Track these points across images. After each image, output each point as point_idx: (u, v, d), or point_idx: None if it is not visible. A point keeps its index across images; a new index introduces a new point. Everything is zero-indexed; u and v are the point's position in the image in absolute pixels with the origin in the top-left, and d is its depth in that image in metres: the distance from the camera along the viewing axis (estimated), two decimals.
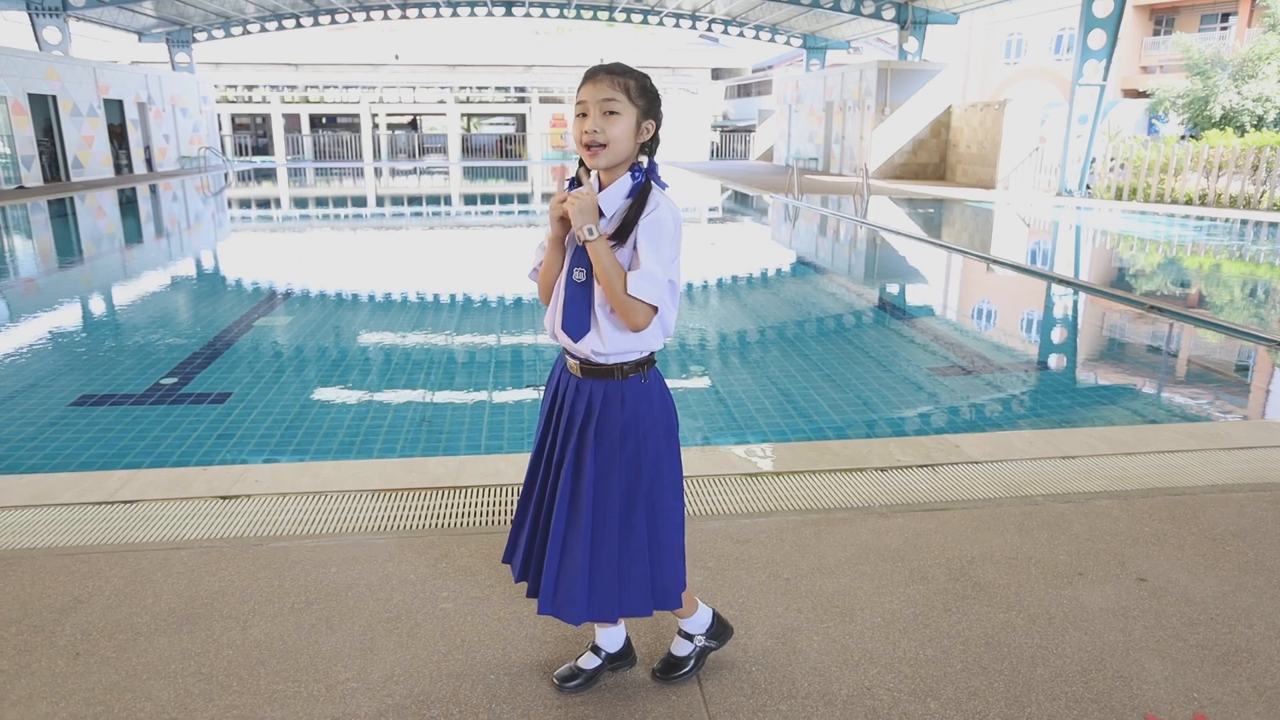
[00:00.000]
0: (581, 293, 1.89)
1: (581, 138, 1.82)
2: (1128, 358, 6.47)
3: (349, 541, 2.88)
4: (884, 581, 2.67)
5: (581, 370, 1.94)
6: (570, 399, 1.96)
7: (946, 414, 4.85)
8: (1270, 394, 5.51)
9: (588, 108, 1.81)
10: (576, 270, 1.90)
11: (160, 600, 2.52)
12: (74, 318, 7.52)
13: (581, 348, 1.91)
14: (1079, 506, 3.20)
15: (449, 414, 4.76)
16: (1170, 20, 33.20)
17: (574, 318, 1.90)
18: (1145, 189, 17.80)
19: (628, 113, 1.82)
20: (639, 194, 1.86)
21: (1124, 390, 5.48)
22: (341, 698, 2.11)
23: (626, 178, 1.87)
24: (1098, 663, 2.28)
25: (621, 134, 1.82)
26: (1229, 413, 5.01)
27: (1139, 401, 5.22)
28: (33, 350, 6.18)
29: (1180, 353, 6.51)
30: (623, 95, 1.81)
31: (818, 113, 27.80)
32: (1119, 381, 5.72)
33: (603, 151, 1.82)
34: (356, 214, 18.41)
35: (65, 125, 21.11)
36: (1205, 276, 10.00)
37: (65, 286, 8.98)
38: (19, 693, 2.11)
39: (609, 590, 1.95)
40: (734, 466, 3.52)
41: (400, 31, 42.48)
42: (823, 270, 10.56)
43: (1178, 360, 6.32)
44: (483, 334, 6.70)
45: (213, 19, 28.20)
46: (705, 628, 2.20)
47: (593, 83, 1.82)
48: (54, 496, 3.17)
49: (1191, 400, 5.23)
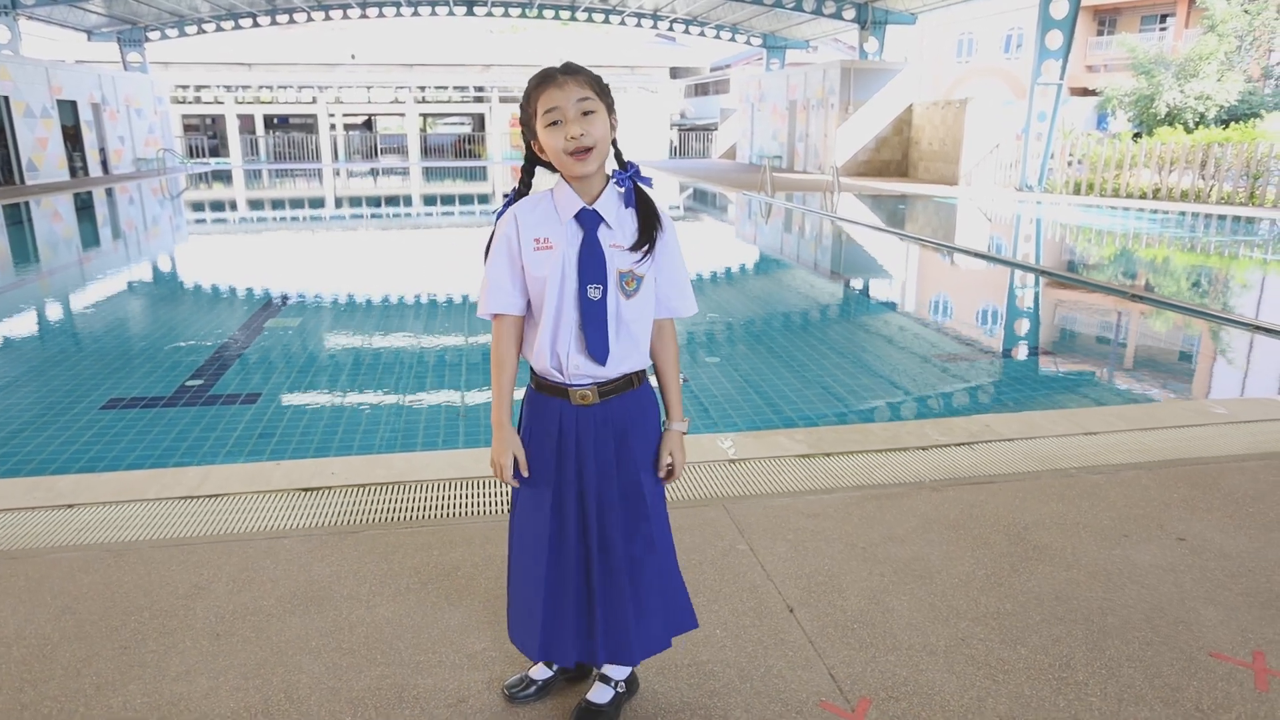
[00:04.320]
0: (599, 309, 1.75)
1: (565, 145, 1.69)
2: (1126, 343, 6.84)
3: (443, 527, 3.01)
4: (951, 547, 2.89)
5: (600, 393, 1.81)
6: (590, 434, 1.81)
7: (970, 396, 5.12)
8: (1266, 373, 5.90)
9: (563, 114, 1.68)
10: (591, 287, 1.74)
11: (279, 585, 2.63)
12: (88, 324, 7.45)
13: (608, 369, 1.79)
14: (1110, 477, 3.46)
15: (482, 411, 4.88)
16: (1113, 21, 34.40)
17: (597, 338, 1.75)
18: (1101, 184, 18.49)
19: (600, 110, 1.72)
20: (640, 202, 1.79)
21: (1124, 373, 5.82)
22: (484, 665, 2.25)
23: (612, 187, 1.78)
24: (1159, 611, 2.52)
25: (602, 133, 1.72)
26: (1222, 391, 5.37)
27: (1141, 382, 5.56)
28: (49, 357, 6.14)
29: (1171, 337, 6.90)
30: (593, 93, 1.72)
31: (781, 111, 28.23)
32: (1118, 365, 6.06)
33: (592, 155, 1.71)
34: (333, 215, 18.26)
35: (18, 127, 20.55)
36: (1179, 266, 10.51)
37: (56, 294, 8.85)
38: (176, 669, 2.21)
39: (654, 618, 1.92)
40: (785, 449, 3.72)
41: (356, 30, 41.94)
42: (804, 265, 10.85)
43: (1170, 345, 6.71)
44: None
45: (166, 18, 27.62)
46: (627, 671, 2.05)
47: (558, 87, 1.69)
48: (139, 492, 3.24)
49: (1185, 380, 5.59)
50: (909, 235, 12.63)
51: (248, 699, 2.10)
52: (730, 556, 2.81)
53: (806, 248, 12.37)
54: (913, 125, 24.20)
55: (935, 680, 2.19)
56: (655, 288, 1.83)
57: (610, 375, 1.81)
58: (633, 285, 1.77)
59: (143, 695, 2.11)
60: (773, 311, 7.97)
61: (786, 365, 5.73)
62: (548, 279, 1.74)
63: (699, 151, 40.05)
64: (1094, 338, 7.02)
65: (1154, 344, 6.77)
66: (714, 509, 3.15)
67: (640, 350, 1.84)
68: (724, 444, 3.79)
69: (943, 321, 7.53)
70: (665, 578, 1.96)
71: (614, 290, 1.76)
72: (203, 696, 2.11)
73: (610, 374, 1.81)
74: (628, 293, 1.77)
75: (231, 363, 5.80)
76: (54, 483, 3.40)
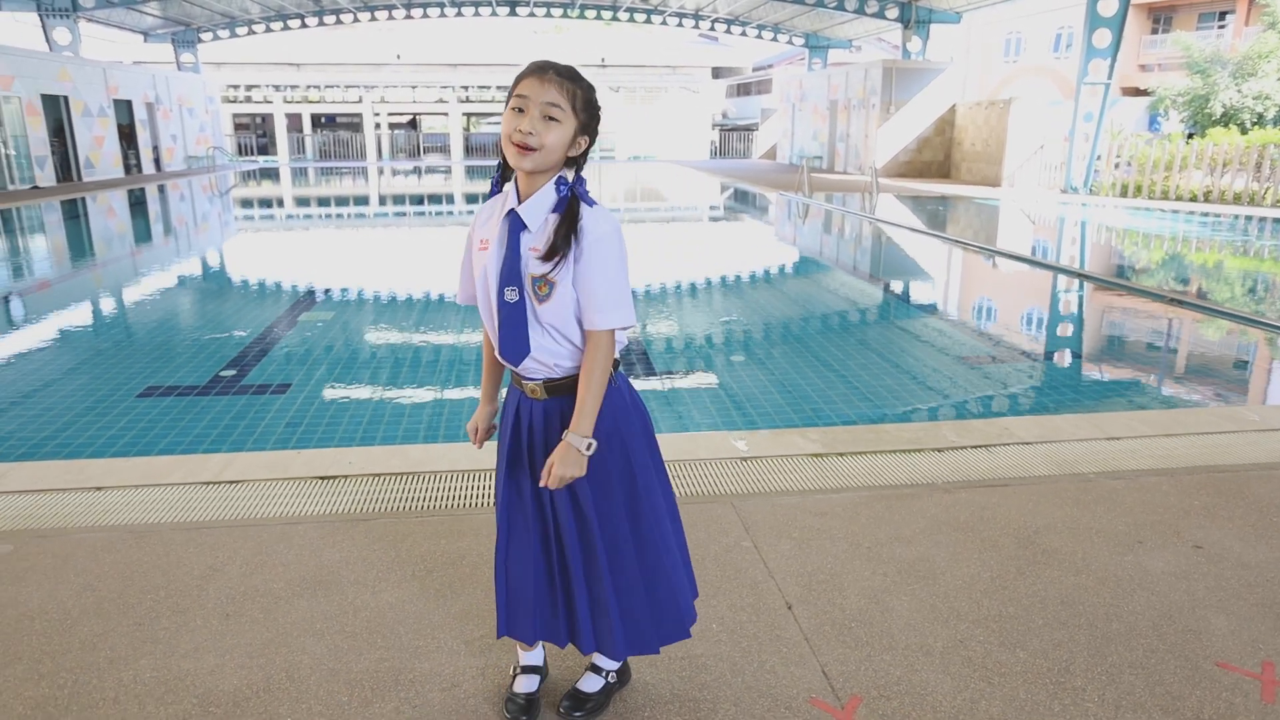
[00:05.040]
0: (516, 311, 1.76)
1: (513, 135, 1.68)
2: (1154, 348, 6.68)
3: (453, 517, 3.07)
4: (958, 549, 2.86)
5: (546, 390, 1.82)
6: (540, 426, 1.84)
7: (992, 400, 5.05)
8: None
9: (527, 104, 1.68)
10: (508, 290, 1.75)
11: (289, 569, 2.70)
12: (134, 315, 7.69)
13: (532, 368, 1.80)
14: (1129, 483, 3.40)
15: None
16: (1168, 19, 33.47)
17: (512, 340, 1.77)
18: (1150, 186, 18.03)
19: (568, 123, 1.70)
20: (566, 210, 1.73)
21: (1153, 377, 5.69)
22: (480, 651, 2.29)
23: (550, 188, 1.75)
24: (1167, 618, 2.47)
25: (556, 143, 1.70)
26: (1258, 398, 5.22)
27: (1170, 387, 5.43)
28: (95, 346, 6.36)
29: (1206, 342, 6.72)
30: (567, 103, 1.70)
31: (822, 111, 28.02)
32: (1147, 370, 5.93)
33: (531, 155, 1.69)
34: (378, 213, 18.57)
35: (77, 125, 21.24)
36: (1224, 271, 10.22)
37: (106, 286, 9.15)
38: (185, 646, 2.29)
39: (641, 617, 1.91)
40: (798, 448, 3.71)
41: (401, 31, 42.59)
42: (836, 265, 10.76)
43: (1204, 349, 6.53)
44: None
45: (218, 19, 28.33)
46: (618, 663, 2.07)
47: (539, 80, 1.69)
48: (164, 477, 3.35)
49: (1221, 386, 5.44)
50: (945, 236, 12.46)
51: (250, 677, 2.17)
52: (734, 553, 2.82)
53: (840, 248, 12.27)
54: (955, 125, 23.85)
55: (929, 681, 2.18)
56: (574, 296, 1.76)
57: (553, 375, 1.80)
58: (545, 290, 1.74)
59: (152, 670, 2.19)
60: (802, 312, 7.93)
61: (812, 365, 5.70)
62: (482, 278, 1.81)
63: (740, 152, 39.94)
64: (1126, 342, 6.86)
65: (1188, 349, 6.60)
66: (722, 505, 3.16)
67: (573, 352, 1.79)
68: (737, 442, 3.79)
69: (972, 324, 7.42)
70: (652, 579, 1.92)
71: (529, 294, 1.75)
72: (208, 673, 2.18)
73: (553, 373, 1.80)
74: (540, 297, 1.74)
75: (265, 354, 5.95)
76: (85, 466, 3.53)
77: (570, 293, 1.75)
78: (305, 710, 2.05)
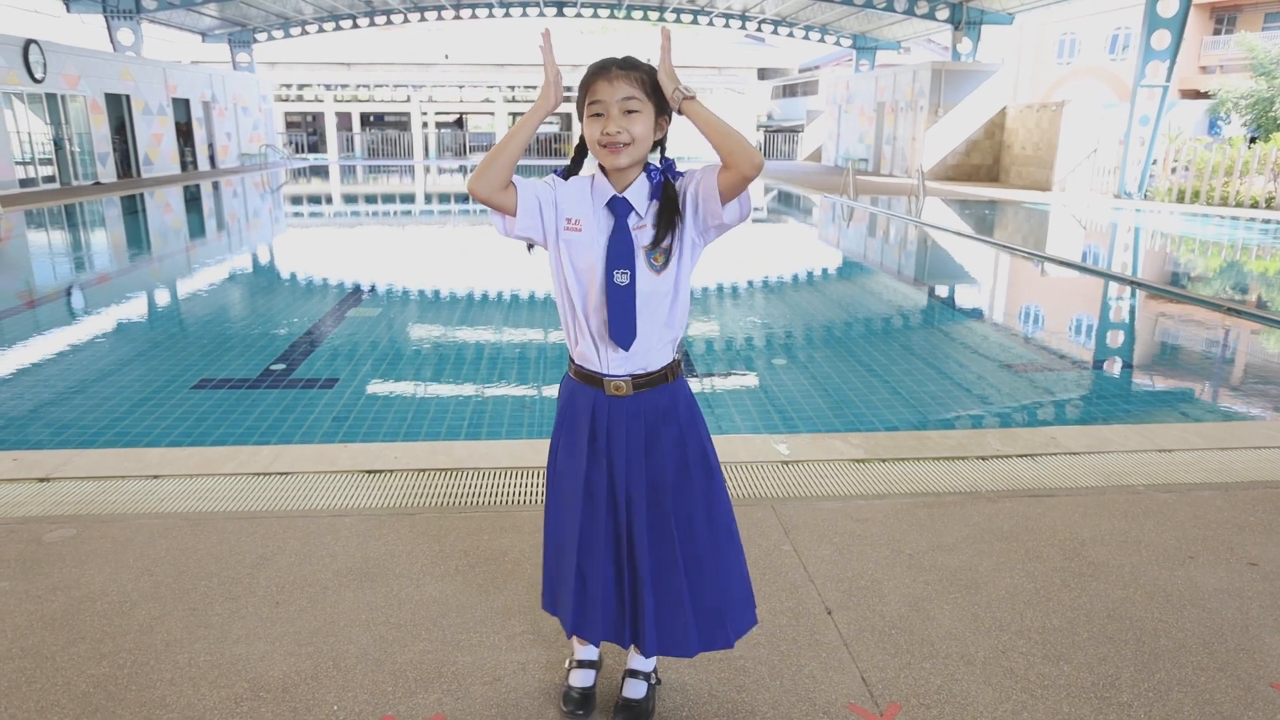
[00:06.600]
0: (626, 295, 1.78)
1: (601, 139, 1.73)
2: (1209, 358, 6.50)
3: (495, 513, 3.11)
4: (1002, 559, 2.82)
5: (634, 386, 1.84)
6: (624, 425, 1.85)
7: (1038, 408, 4.97)
8: None
9: (605, 107, 1.72)
10: (618, 273, 1.77)
11: (336, 560, 2.77)
12: (188, 309, 7.92)
13: (637, 357, 1.82)
14: (1181, 496, 3.32)
15: (541, 404, 4.99)
16: (1232, 19, 32.50)
17: (621, 322, 1.78)
18: (1209, 192, 17.53)
19: (647, 110, 1.74)
20: (664, 194, 1.79)
21: (1208, 389, 5.54)
22: (522, 647, 2.32)
23: (643, 178, 1.79)
24: (1219, 636, 2.41)
25: (643, 132, 1.74)
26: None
27: (1226, 400, 5.29)
28: (151, 339, 6.56)
29: (1265, 353, 6.52)
30: (641, 92, 1.72)
31: (868, 113, 27.72)
32: (1202, 381, 5.77)
33: (626, 150, 1.73)
34: (423, 210, 18.84)
35: (137, 123, 21.89)
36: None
37: (162, 280, 9.42)
38: (237, 633, 2.36)
39: (716, 609, 1.94)
40: (840, 453, 3.69)
41: (449, 31, 43.12)
42: (880, 269, 10.65)
43: (1263, 361, 6.34)
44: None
45: (273, 20, 28.96)
46: (653, 663, 2.08)
47: (607, 80, 1.72)
48: (218, 467, 3.45)
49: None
50: (992, 241, 12.26)
51: (299, 664, 2.23)
52: (774, 556, 2.82)
53: (885, 252, 12.13)
54: (1005, 128, 23.43)
55: (970, 691, 2.16)
56: (692, 252, 1.80)
57: (647, 368, 1.84)
58: (661, 260, 1.79)
59: (206, 654, 2.27)
60: (845, 315, 7.87)
61: (855, 370, 5.66)
62: (576, 264, 1.80)
63: (785, 153, 39.66)
64: (1180, 352, 6.69)
65: (1246, 361, 6.41)
66: (762, 509, 3.16)
67: (672, 333, 1.84)
68: (778, 445, 3.78)
69: (1019, 330, 7.29)
70: (724, 574, 1.95)
71: (642, 269, 1.78)
72: (259, 659, 2.25)
73: (647, 366, 1.83)
74: (656, 268, 1.79)
75: (313, 349, 6.08)
76: (143, 455, 3.65)
77: (679, 264, 1.80)
78: (351, 699, 2.10)
